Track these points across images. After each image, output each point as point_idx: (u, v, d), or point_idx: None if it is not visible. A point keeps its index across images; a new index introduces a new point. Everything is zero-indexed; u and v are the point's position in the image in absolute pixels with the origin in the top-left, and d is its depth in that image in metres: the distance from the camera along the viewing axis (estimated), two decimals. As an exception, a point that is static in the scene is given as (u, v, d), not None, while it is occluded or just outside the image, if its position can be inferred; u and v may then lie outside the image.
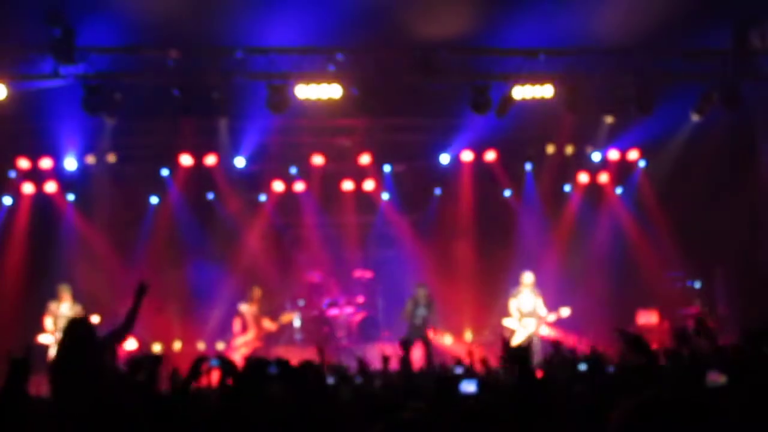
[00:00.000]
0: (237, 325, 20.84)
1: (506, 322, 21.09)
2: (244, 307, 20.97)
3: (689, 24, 19.19)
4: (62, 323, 15.26)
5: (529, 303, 21.11)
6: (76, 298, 19.99)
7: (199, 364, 8.40)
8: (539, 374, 10.42)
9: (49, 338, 18.91)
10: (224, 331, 22.33)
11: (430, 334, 20.96)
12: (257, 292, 21.25)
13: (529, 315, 21.05)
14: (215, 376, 8.38)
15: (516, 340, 20.44)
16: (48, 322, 19.56)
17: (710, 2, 18.90)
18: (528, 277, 21.24)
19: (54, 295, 19.98)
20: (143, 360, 8.01)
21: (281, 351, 21.41)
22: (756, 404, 4.09)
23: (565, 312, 21.01)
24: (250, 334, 20.66)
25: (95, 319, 14.21)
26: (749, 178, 23.18)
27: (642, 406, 3.00)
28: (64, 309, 19.52)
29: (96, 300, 20.57)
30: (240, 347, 20.47)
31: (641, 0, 18.17)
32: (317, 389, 6.69)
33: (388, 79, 19.82)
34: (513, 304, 21.18)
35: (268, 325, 21.15)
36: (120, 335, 10.83)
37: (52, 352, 14.38)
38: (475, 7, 18.87)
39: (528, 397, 5.54)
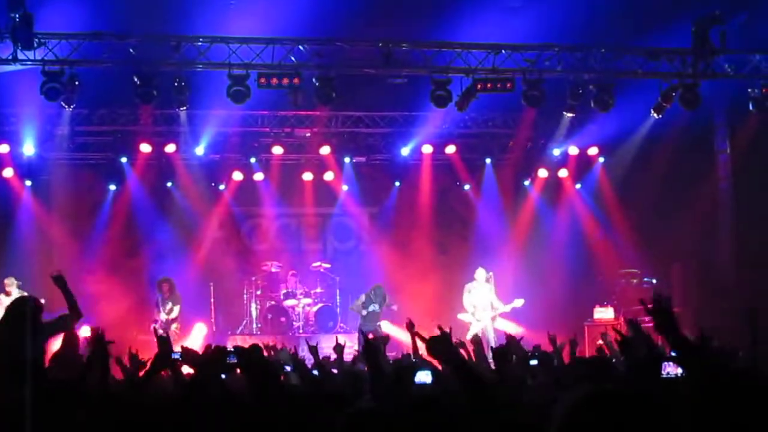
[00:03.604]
0: (157, 315, 20.81)
1: (461, 316, 21.31)
2: (160, 299, 21.01)
3: (650, 22, 19.34)
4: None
5: (482, 297, 21.36)
6: (31, 285, 19.88)
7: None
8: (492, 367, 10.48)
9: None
10: (180, 322, 22.28)
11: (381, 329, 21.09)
12: (165, 284, 21.19)
13: (483, 309, 21.27)
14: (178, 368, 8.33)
15: (470, 334, 20.62)
16: None
17: (671, 1, 19.05)
18: (480, 273, 21.50)
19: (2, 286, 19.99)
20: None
21: (238, 341, 21.43)
22: (710, 395, 4.12)
23: (519, 302, 21.30)
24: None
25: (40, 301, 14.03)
26: (707, 177, 23.37)
27: (588, 397, 3.03)
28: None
29: (51, 288, 20.40)
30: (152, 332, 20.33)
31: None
32: (272, 377, 6.68)
33: (349, 72, 19.84)
34: (467, 298, 21.41)
35: (168, 314, 21.07)
36: (66, 322, 10.64)
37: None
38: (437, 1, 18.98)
39: (472, 392, 5.56)
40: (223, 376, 7.79)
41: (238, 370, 7.13)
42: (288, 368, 10.38)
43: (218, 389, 6.92)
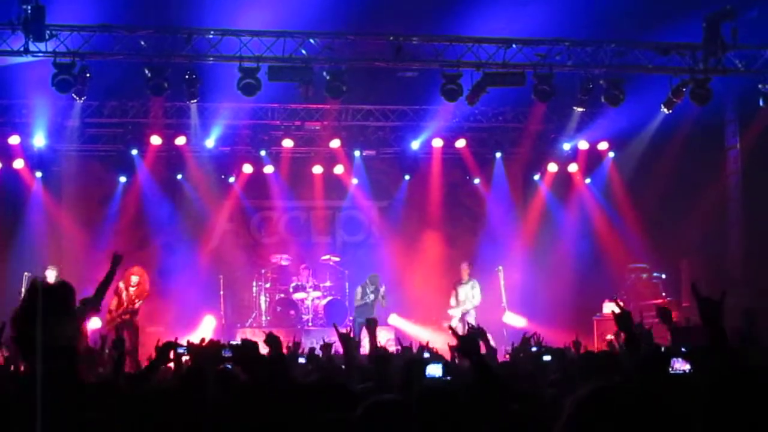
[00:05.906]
0: (113, 302, 20.39)
1: (450, 312, 21.59)
2: (122, 285, 20.54)
3: (661, 17, 19.32)
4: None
5: (468, 293, 21.61)
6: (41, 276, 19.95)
7: (167, 349, 8.37)
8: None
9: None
10: (189, 314, 22.33)
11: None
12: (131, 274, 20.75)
13: (467, 305, 21.57)
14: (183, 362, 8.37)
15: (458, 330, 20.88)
16: None
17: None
18: (465, 269, 21.79)
19: (20, 272, 19.98)
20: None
21: (247, 333, 21.44)
22: (717, 390, 4.13)
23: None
24: (115, 308, 20.27)
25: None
26: (717, 173, 23.35)
27: (596, 392, 3.05)
28: None
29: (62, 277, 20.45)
30: (108, 322, 20.04)
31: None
32: (277, 371, 6.70)
33: (360, 65, 19.86)
34: (453, 299, 21.78)
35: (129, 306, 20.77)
36: (92, 304, 10.64)
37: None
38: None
39: (484, 386, 5.59)
40: (230, 366, 7.83)
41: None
42: (302, 360, 10.44)
43: (217, 380, 6.95)
